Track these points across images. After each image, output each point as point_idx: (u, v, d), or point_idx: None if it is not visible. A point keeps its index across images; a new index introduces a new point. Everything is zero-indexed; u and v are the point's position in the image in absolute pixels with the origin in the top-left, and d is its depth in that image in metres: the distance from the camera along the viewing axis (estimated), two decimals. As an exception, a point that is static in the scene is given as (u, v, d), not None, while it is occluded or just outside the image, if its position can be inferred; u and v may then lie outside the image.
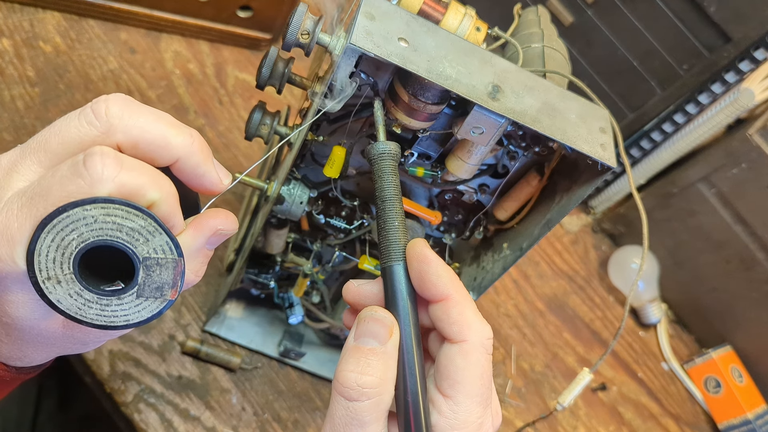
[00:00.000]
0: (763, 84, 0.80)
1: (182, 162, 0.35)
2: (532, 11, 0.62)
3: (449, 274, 0.37)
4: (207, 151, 0.36)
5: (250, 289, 0.71)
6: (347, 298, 0.41)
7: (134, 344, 0.67)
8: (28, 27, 0.78)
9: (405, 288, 0.38)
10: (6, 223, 0.31)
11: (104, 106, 0.33)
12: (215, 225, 0.36)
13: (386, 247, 0.39)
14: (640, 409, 0.92)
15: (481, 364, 0.36)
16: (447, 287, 0.37)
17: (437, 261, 0.37)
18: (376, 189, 0.40)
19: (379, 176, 0.40)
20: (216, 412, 0.67)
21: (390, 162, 0.40)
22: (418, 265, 0.37)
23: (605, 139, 0.46)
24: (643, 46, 0.86)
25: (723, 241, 0.91)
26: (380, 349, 0.36)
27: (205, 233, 0.36)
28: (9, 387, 0.43)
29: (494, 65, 0.45)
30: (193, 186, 0.37)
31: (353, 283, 0.40)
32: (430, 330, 0.40)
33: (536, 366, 0.87)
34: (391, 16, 0.42)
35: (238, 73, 0.88)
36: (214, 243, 0.37)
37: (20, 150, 0.34)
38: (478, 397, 0.36)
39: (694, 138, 0.87)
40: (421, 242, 0.38)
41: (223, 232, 0.37)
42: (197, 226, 0.36)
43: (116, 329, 0.34)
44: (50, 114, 0.74)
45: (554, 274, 0.97)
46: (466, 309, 0.37)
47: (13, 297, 0.34)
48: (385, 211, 0.39)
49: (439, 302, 0.37)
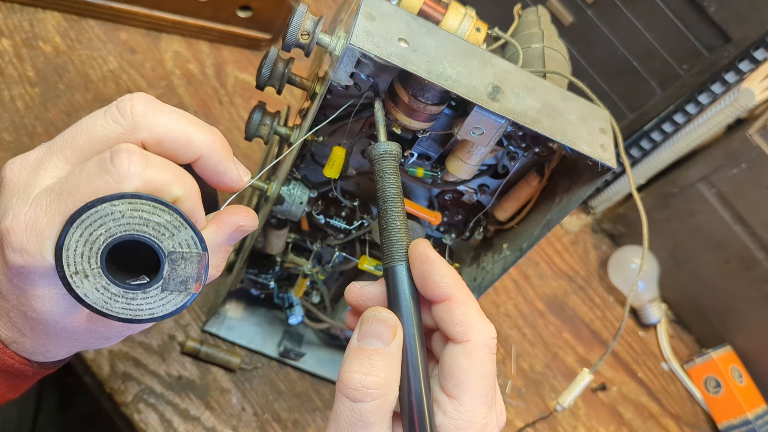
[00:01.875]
0: (763, 84, 0.80)
1: (204, 159, 0.36)
2: (532, 11, 0.62)
3: (452, 274, 0.37)
4: (227, 149, 0.37)
5: (250, 289, 0.71)
6: (350, 300, 0.41)
7: (134, 344, 0.67)
8: (28, 27, 0.78)
9: (408, 288, 0.38)
10: (35, 219, 0.32)
11: (129, 105, 0.34)
12: (237, 221, 0.37)
13: (388, 248, 0.38)
14: (640, 409, 0.92)
15: (485, 364, 0.36)
16: (450, 287, 0.37)
17: (440, 261, 0.37)
18: (377, 189, 0.40)
19: (381, 177, 0.40)
20: (216, 412, 0.67)
21: (391, 162, 0.40)
22: (421, 265, 0.37)
23: (605, 139, 0.46)
24: (643, 46, 0.86)
25: (723, 241, 0.91)
26: (384, 350, 0.36)
27: (226, 229, 0.37)
28: (30, 382, 0.43)
29: (494, 66, 0.44)
30: (214, 183, 0.38)
31: (355, 284, 0.40)
32: (433, 330, 0.40)
33: (536, 366, 0.87)
34: (391, 16, 0.42)
35: (238, 73, 0.88)
36: (235, 239, 0.38)
37: (47, 147, 0.34)
38: (482, 396, 0.36)
39: (694, 138, 0.87)
40: (423, 242, 0.38)
41: (244, 228, 0.37)
42: (219, 222, 0.37)
43: (142, 323, 0.34)
44: (50, 114, 0.74)
45: (554, 274, 0.97)
46: (469, 309, 0.37)
47: (40, 291, 0.34)
48: (386, 211, 0.39)
49: (442, 302, 0.37)
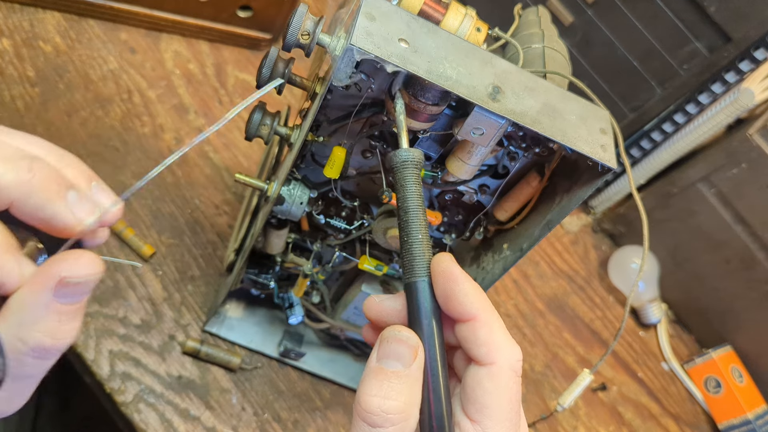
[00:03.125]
0: (763, 84, 0.80)
1: (19, 205, 0.28)
2: (532, 11, 0.62)
3: (477, 291, 0.35)
4: (57, 185, 0.29)
5: (250, 289, 0.71)
6: (369, 314, 0.39)
7: (134, 344, 0.67)
8: (28, 27, 0.78)
9: (430, 306, 0.36)
10: None
11: None
12: (57, 273, 0.28)
13: (410, 262, 0.37)
14: (640, 409, 0.92)
15: (510, 388, 0.35)
16: (475, 307, 0.35)
17: (464, 278, 0.35)
18: (398, 199, 0.38)
19: (402, 185, 0.38)
20: (216, 412, 0.67)
21: (413, 171, 0.38)
22: (444, 282, 0.35)
23: (605, 140, 0.46)
24: (643, 46, 0.86)
25: (723, 241, 0.91)
26: (404, 372, 0.34)
27: (46, 286, 0.28)
28: None
29: (495, 66, 0.44)
30: (44, 230, 0.29)
31: (375, 298, 0.39)
32: (455, 348, 0.38)
33: (536, 366, 0.87)
34: (392, 16, 0.42)
35: (238, 73, 0.88)
36: (68, 295, 0.28)
37: None
38: (506, 422, 0.34)
39: (694, 138, 0.87)
40: (447, 257, 0.36)
41: (71, 280, 0.28)
42: (36, 278, 0.28)
43: None
44: (50, 114, 0.74)
45: (554, 274, 0.97)
46: (494, 330, 0.35)
47: None
48: (408, 222, 0.37)
49: (466, 322, 0.35)
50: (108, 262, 0.69)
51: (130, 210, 0.73)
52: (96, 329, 0.66)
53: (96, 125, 0.76)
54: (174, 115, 0.81)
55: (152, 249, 0.71)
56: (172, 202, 0.76)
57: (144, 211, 0.74)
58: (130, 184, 0.74)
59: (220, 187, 0.79)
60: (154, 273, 0.71)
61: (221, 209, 0.78)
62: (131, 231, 0.71)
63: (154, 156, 0.77)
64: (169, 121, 0.80)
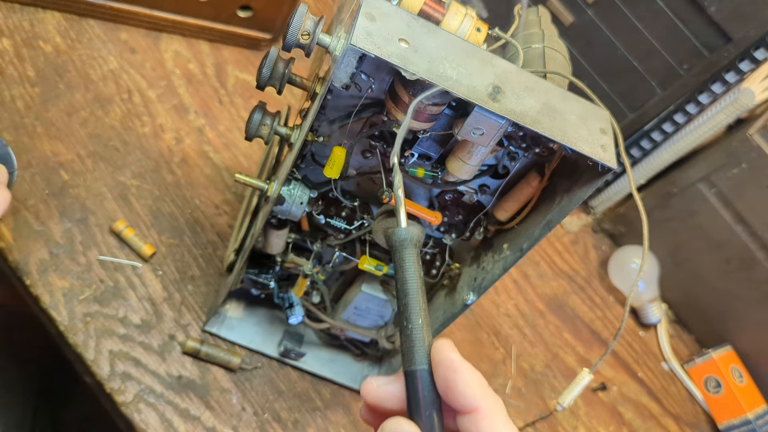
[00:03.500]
0: (763, 84, 0.80)
1: None
2: (532, 11, 0.62)
3: (478, 381, 0.35)
4: None
5: (250, 289, 0.71)
6: (367, 399, 0.38)
7: (134, 344, 0.67)
8: (28, 27, 0.78)
9: (430, 396, 0.35)
10: None
11: None
12: None
13: (409, 349, 0.35)
14: (640, 409, 0.92)
15: None
16: (476, 398, 0.34)
17: (465, 367, 0.35)
18: (397, 281, 0.37)
19: (401, 266, 0.37)
20: (216, 412, 0.67)
21: (413, 251, 0.37)
22: (444, 371, 0.35)
23: (606, 140, 0.46)
24: (643, 46, 0.86)
25: (723, 241, 0.91)
26: None
27: None
28: None
29: (495, 66, 0.44)
30: None
31: (373, 383, 0.38)
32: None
33: (536, 366, 0.87)
34: (392, 16, 0.42)
35: (238, 73, 0.88)
36: None
37: None
38: None
39: (694, 138, 0.87)
40: (447, 345, 0.35)
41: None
42: None
43: None
44: (50, 114, 0.74)
45: (554, 274, 0.97)
46: (496, 421, 0.34)
47: None
48: (407, 306, 0.36)
49: (467, 414, 0.35)
50: (108, 262, 0.69)
51: (131, 210, 0.73)
52: (96, 329, 0.66)
53: (96, 125, 0.76)
54: (174, 115, 0.81)
55: (152, 249, 0.71)
56: (172, 202, 0.76)
57: (144, 211, 0.74)
58: (130, 184, 0.74)
59: (220, 187, 0.79)
60: (154, 273, 0.71)
61: (221, 209, 0.78)
62: (131, 231, 0.71)
63: (154, 156, 0.77)
64: (169, 121, 0.80)
